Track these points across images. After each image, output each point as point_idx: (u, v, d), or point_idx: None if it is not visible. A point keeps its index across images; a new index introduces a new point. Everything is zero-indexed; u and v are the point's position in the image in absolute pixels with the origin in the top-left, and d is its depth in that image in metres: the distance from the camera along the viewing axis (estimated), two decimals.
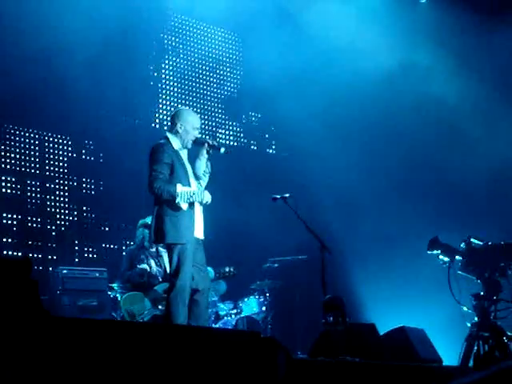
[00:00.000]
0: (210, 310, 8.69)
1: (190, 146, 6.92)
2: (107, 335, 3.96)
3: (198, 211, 6.78)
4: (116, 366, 3.89)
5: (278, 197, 7.39)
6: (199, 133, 7.02)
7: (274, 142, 13.68)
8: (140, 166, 11.71)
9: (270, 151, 13.61)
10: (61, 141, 11.29)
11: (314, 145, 12.23)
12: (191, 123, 6.92)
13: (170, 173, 6.69)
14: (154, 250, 9.16)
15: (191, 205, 6.66)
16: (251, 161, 12.68)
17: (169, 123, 7.13)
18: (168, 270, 9.00)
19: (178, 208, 6.58)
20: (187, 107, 10.91)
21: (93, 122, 11.11)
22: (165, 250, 9.06)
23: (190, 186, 6.71)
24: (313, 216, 8.00)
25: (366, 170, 11.94)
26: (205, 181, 6.92)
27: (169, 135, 6.91)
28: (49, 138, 11.15)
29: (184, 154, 6.92)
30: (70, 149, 11.35)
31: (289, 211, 7.21)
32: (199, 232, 6.78)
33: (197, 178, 6.88)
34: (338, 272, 10.33)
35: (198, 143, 6.92)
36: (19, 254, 10.42)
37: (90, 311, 8.99)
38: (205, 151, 6.85)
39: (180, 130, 6.87)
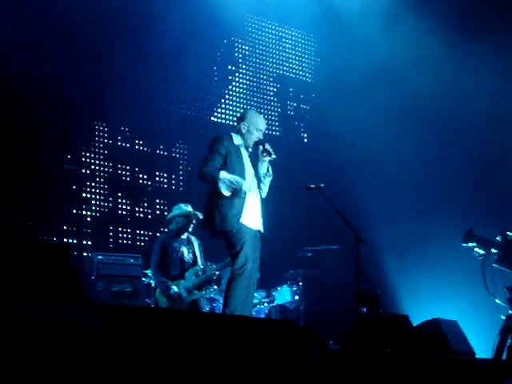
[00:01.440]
0: None
1: (251, 145, 7.01)
2: (144, 322, 4.01)
3: (253, 201, 6.81)
4: (152, 353, 3.93)
5: (313, 186, 7.35)
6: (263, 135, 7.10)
7: (307, 131, 13.67)
8: (176, 155, 11.91)
9: (305, 140, 13.60)
10: (97, 127, 11.36)
11: (351, 134, 12.20)
12: (255, 124, 7.02)
13: (224, 164, 6.74)
14: (185, 237, 9.20)
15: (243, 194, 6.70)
16: (285, 149, 12.68)
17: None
18: (199, 258, 9.14)
19: (225, 197, 6.63)
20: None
21: (131, 109, 11.16)
22: (195, 238, 9.18)
23: (244, 179, 6.74)
24: (348, 206, 7.96)
25: (403, 161, 11.85)
26: (265, 185, 6.99)
27: (232, 134, 7.04)
28: (86, 124, 11.23)
29: (244, 152, 6.99)
30: (106, 135, 11.42)
31: (323, 200, 7.18)
32: (253, 222, 6.78)
33: (259, 180, 6.94)
34: (372, 263, 10.29)
35: (257, 144, 7.01)
36: (55, 239, 10.50)
37: (125, 297, 9.05)
38: (259, 152, 6.94)
39: (243, 130, 7.00)
